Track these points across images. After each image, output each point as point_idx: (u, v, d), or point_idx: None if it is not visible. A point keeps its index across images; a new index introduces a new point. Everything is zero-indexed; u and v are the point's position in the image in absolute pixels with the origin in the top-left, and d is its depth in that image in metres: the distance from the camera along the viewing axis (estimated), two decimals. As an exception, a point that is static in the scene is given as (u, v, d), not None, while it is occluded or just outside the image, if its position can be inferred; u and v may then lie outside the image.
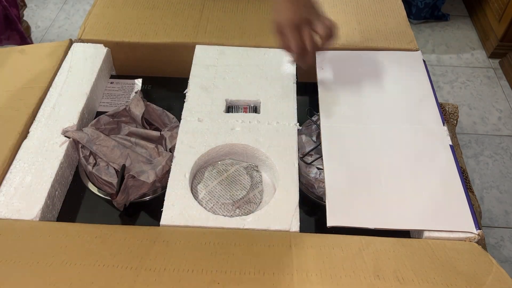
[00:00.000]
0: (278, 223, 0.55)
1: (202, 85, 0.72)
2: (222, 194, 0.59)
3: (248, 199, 0.60)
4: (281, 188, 0.59)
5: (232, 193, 0.60)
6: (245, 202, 0.59)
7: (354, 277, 0.48)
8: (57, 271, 0.47)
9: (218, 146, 0.63)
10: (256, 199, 0.60)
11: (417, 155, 0.62)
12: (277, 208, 0.57)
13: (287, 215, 0.56)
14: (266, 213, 0.56)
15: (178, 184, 0.59)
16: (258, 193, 0.61)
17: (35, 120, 0.66)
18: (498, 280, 0.49)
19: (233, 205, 0.59)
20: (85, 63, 0.76)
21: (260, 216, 0.56)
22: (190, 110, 0.68)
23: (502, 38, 1.72)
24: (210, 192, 0.60)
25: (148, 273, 0.47)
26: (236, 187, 0.60)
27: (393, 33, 0.83)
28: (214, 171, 0.62)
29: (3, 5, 1.25)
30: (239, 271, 0.48)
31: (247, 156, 0.65)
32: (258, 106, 0.70)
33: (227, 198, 0.59)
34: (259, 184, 0.62)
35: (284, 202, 0.57)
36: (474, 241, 0.55)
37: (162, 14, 0.85)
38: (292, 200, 0.57)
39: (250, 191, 0.60)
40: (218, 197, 0.59)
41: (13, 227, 0.54)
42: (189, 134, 0.65)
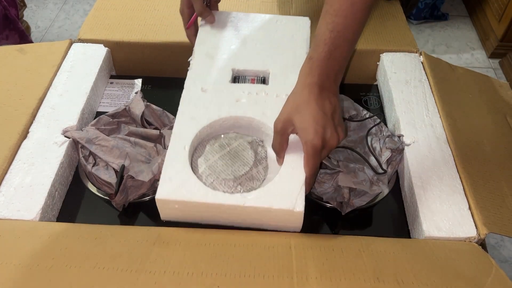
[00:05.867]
0: (281, 202, 0.51)
1: (207, 52, 0.67)
2: (223, 169, 0.55)
3: (251, 175, 0.56)
4: (287, 164, 0.54)
5: (234, 168, 0.55)
6: (248, 178, 0.55)
7: (354, 279, 0.48)
8: (57, 275, 0.47)
9: (221, 119, 0.59)
10: (259, 176, 0.56)
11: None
12: (282, 185, 0.52)
13: (291, 194, 0.51)
14: (269, 191, 0.52)
15: (177, 157, 0.55)
16: (262, 169, 0.57)
17: (35, 120, 0.66)
18: (498, 282, 0.49)
19: (234, 181, 0.55)
20: (85, 63, 0.76)
21: (263, 194, 0.51)
22: (193, 79, 0.63)
23: (502, 38, 1.72)
24: (211, 166, 0.55)
25: (148, 276, 0.47)
26: (239, 163, 0.56)
27: (393, 35, 0.83)
28: (216, 145, 0.58)
29: (3, 5, 1.25)
30: (239, 273, 0.48)
31: (253, 130, 0.60)
32: (267, 77, 0.65)
33: (228, 174, 0.55)
34: (263, 160, 0.58)
35: (289, 180, 0.52)
36: (474, 241, 0.55)
37: (162, 15, 0.85)
38: (297, 177, 0.52)
39: (253, 167, 0.56)
40: (219, 172, 0.55)
41: (13, 227, 0.54)
42: (191, 104, 0.60)
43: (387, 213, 0.63)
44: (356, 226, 0.61)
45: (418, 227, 0.57)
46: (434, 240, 0.55)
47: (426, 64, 0.77)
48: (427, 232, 0.55)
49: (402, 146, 0.65)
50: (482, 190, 0.59)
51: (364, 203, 0.61)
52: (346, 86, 0.81)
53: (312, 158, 0.51)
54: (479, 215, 0.56)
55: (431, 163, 0.62)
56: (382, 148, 0.65)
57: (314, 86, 0.51)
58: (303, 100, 0.51)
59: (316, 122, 0.49)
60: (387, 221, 0.62)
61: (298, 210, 0.50)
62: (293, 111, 0.51)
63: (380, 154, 0.64)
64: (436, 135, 0.66)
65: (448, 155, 0.63)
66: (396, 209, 0.63)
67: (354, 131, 0.68)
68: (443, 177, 0.61)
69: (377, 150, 0.65)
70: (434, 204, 0.58)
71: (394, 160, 0.64)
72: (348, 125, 0.68)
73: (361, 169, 0.62)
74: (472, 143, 0.65)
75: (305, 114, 0.50)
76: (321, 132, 0.49)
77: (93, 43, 0.80)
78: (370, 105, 0.78)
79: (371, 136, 0.67)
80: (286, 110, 0.52)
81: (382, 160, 0.63)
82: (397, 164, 0.65)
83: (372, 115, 0.69)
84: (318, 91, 0.51)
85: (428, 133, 0.66)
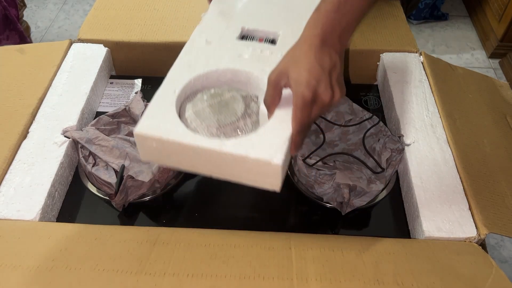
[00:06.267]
0: (259, 152, 0.47)
1: (222, 10, 0.66)
2: (209, 116, 0.53)
3: (237, 126, 0.53)
4: (275, 118, 0.50)
5: (221, 117, 0.53)
6: (233, 129, 0.53)
7: (354, 281, 0.48)
8: (57, 276, 0.47)
9: (219, 70, 0.57)
10: (246, 128, 0.53)
11: None
12: (265, 137, 0.49)
13: (272, 146, 0.48)
14: (250, 140, 0.49)
15: (164, 98, 0.53)
16: (250, 123, 0.54)
17: (35, 120, 0.66)
18: (498, 283, 0.49)
19: (218, 129, 0.52)
20: (85, 63, 0.76)
21: (242, 142, 0.48)
22: (200, 31, 0.62)
23: (502, 38, 1.72)
24: (197, 112, 0.53)
25: (148, 278, 0.47)
26: (227, 113, 0.53)
27: (393, 35, 0.83)
28: (208, 94, 0.56)
29: (3, 5, 1.25)
30: (239, 275, 0.48)
31: (251, 86, 0.58)
32: (277, 38, 0.62)
33: (213, 121, 0.52)
34: (253, 114, 0.55)
35: (274, 133, 0.49)
36: (474, 241, 0.55)
37: (162, 15, 0.85)
38: (283, 132, 0.49)
39: (240, 119, 0.53)
40: (204, 118, 0.52)
41: (13, 227, 0.54)
42: (192, 54, 0.59)
43: (387, 213, 0.63)
44: (356, 226, 0.61)
45: (418, 227, 0.57)
46: (434, 240, 0.55)
47: (426, 64, 0.77)
48: (427, 232, 0.55)
49: (402, 146, 0.65)
50: (482, 190, 0.58)
51: (364, 203, 0.61)
52: (346, 86, 0.81)
53: (300, 111, 0.47)
54: (479, 215, 0.56)
55: (431, 163, 0.62)
56: (382, 148, 0.65)
57: (315, 38, 0.48)
58: (301, 52, 0.48)
59: (310, 74, 0.47)
60: (387, 221, 0.62)
61: (276, 162, 0.47)
62: (289, 63, 0.49)
63: (379, 154, 0.64)
64: (436, 135, 0.66)
65: (448, 155, 0.63)
66: (396, 209, 0.63)
67: (353, 134, 0.69)
68: (443, 177, 0.61)
69: (376, 150, 0.65)
70: (434, 204, 0.58)
71: (394, 160, 0.64)
72: (347, 128, 0.68)
73: (359, 169, 0.62)
74: (472, 143, 0.65)
75: (300, 66, 0.47)
76: (313, 84, 0.46)
77: (93, 43, 0.80)
78: (370, 105, 0.78)
79: (371, 136, 0.67)
80: (283, 61, 0.50)
81: (382, 160, 0.63)
82: (397, 164, 0.65)
83: (371, 115, 0.69)
84: (319, 44, 0.48)
85: (428, 133, 0.66)
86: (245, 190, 0.65)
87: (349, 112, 0.69)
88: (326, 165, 0.63)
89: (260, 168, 0.49)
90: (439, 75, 0.75)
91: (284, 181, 0.65)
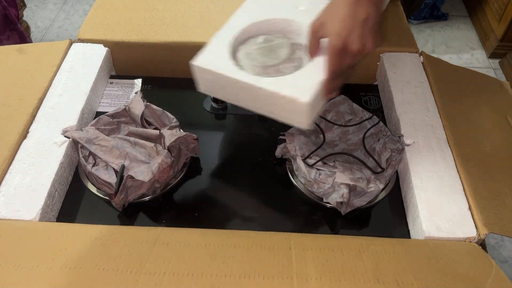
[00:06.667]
0: (290, 90, 0.52)
1: None
2: (256, 57, 0.59)
3: (279, 69, 0.58)
4: (312, 65, 0.55)
5: (266, 59, 0.59)
6: (275, 70, 0.58)
7: (354, 281, 0.48)
8: (56, 276, 0.47)
9: (274, 19, 0.63)
10: (286, 71, 0.58)
11: None
12: (299, 78, 0.54)
13: (302, 86, 0.53)
14: (284, 80, 0.54)
15: (222, 39, 0.60)
16: (291, 67, 0.58)
17: (35, 120, 0.66)
18: (498, 283, 0.49)
19: (262, 69, 0.58)
20: (85, 63, 0.76)
21: (277, 80, 0.54)
22: None
23: (502, 38, 1.72)
24: (247, 53, 0.60)
25: (147, 277, 0.47)
26: (272, 56, 0.60)
27: (393, 35, 0.83)
28: (260, 39, 0.62)
29: (3, 5, 1.25)
30: (239, 275, 0.48)
31: (300, 36, 0.62)
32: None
33: (259, 62, 0.59)
34: (297, 60, 0.60)
35: (308, 76, 0.54)
36: (474, 241, 0.55)
37: (162, 15, 0.85)
38: (315, 77, 0.54)
39: (283, 62, 0.59)
40: (252, 59, 0.59)
41: (13, 227, 0.54)
42: (253, 3, 0.65)
43: (387, 213, 0.63)
44: (356, 226, 0.61)
45: (418, 227, 0.57)
46: (434, 240, 0.55)
47: (426, 64, 0.77)
48: (427, 232, 0.55)
49: (402, 146, 0.65)
50: (482, 190, 0.58)
51: (364, 203, 0.61)
52: (346, 86, 0.81)
53: (331, 59, 0.52)
54: (479, 215, 0.56)
55: (431, 163, 0.62)
56: (382, 148, 0.65)
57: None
58: (338, 4, 0.52)
59: (342, 25, 0.50)
60: (387, 221, 0.62)
61: (303, 101, 0.52)
62: (326, 14, 0.53)
63: (379, 154, 0.64)
64: (436, 135, 0.66)
65: (448, 155, 0.63)
66: (396, 209, 0.63)
67: (353, 134, 0.69)
68: (443, 177, 0.61)
69: (376, 150, 0.65)
70: (434, 204, 0.58)
71: (394, 160, 0.64)
72: (347, 128, 0.68)
73: (359, 169, 0.62)
74: (472, 143, 0.65)
75: (335, 17, 0.51)
76: (344, 34, 0.50)
77: (93, 43, 0.80)
78: (370, 105, 0.78)
79: (371, 136, 0.67)
80: (322, 13, 0.54)
81: (382, 160, 0.63)
82: (397, 164, 0.65)
83: (372, 115, 0.69)
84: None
85: (428, 133, 0.66)
86: (245, 190, 0.65)
87: (349, 112, 0.69)
88: (326, 165, 0.63)
89: (290, 106, 0.54)
90: (439, 75, 0.75)
91: (284, 181, 0.66)
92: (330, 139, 0.68)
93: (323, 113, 0.70)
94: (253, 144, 0.71)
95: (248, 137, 0.73)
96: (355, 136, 0.68)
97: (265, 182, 0.66)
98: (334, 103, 0.70)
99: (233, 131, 0.74)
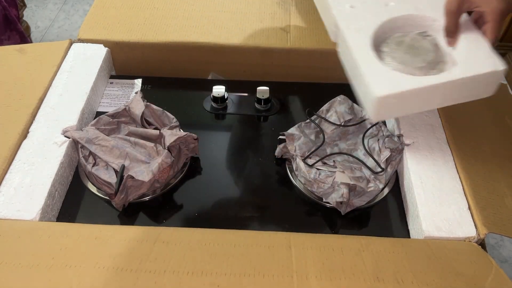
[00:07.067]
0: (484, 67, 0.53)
1: None
2: (413, 59, 0.58)
3: (435, 61, 0.58)
4: (467, 39, 0.57)
5: (422, 57, 0.58)
6: (436, 62, 0.58)
7: (354, 279, 0.48)
8: (57, 274, 0.47)
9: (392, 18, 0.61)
10: (443, 59, 0.58)
11: None
12: (476, 55, 0.55)
13: (488, 57, 0.54)
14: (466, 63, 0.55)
15: (367, 59, 0.56)
16: (442, 54, 0.59)
17: (35, 120, 0.66)
18: (498, 282, 0.49)
19: (429, 67, 0.57)
20: (85, 63, 0.76)
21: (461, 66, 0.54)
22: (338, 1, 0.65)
23: (502, 38, 1.72)
24: (402, 61, 0.58)
25: (148, 276, 0.47)
26: (422, 51, 0.59)
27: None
28: (391, 44, 0.61)
29: (3, 5, 1.25)
30: (239, 273, 0.48)
31: (409, 27, 0.62)
32: None
33: (420, 62, 0.57)
34: (436, 46, 0.60)
35: (480, 50, 0.55)
36: (473, 241, 0.55)
37: (162, 13, 0.85)
38: (485, 46, 0.55)
39: (435, 52, 0.59)
40: (411, 62, 0.57)
41: (13, 227, 0.54)
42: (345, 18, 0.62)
43: (387, 213, 0.63)
44: (356, 226, 0.61)
45: (417, 227, 0.57)
46: (434, 240, 0.55)
47: (426, 64, 0.77)
48: (427, 232, 0.55)
49: (402, 146, 0.65)
50: (481, 190, 0.59)
51: (364, 203, 0.61)
52: (346, 86, 0.81)
53: (498, 24, 0.54)
54: (478, 215, 0.56)
55: (431, 163, 0.62)
56: (381, 148, 0.65)
57: None
58: None
59: None
60: (387, 221, 0.62)
61: (501, 68, 0.53)
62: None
63: (379, 154, 0.64)
64: (436, 135, 0.66)
65: (448, 155, 0.63)
66: (396, 209, 0.63)
67: (353, 133, 0.69)
68: (443, 177, 0.61)
69: (376, 150, 0.65)
70: (433, 204, 0.58)
71: (393, 160, 0.64)
72: (347, 128, 0.68)
73: (359, 169, 0.62)
74: (472, 143, 0.65)
75: None
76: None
77: (93, 43, 0.80)
78: (370, 105, 0.78)
79: (371, 136, 0.67)
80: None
81: (381, 160, 0.63)
82: (397, 164, 0.65)
83: None
84: None
85: (428, 133, 0.66)
86: (245, 190, 0.65)
87: (349, 112, 0.69)
88: (326, 165, 0.63)
89: (489, 79, 0.55)
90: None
91: (284, 181, 0.66)
92: (330, 139, 0.68)
93: (323, 113, 0.70)
94: (253, 144, 0.71)
95: (248, 137, 0.73)
96: (355, 136, 0.69)
97: (265, 182, 0.66)
98: (334, 103, 0.70)
99: (233, 131, 0.74)
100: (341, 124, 0.68)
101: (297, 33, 0.82)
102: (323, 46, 0.80)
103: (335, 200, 0.60)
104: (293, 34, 0.82)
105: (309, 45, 0.80)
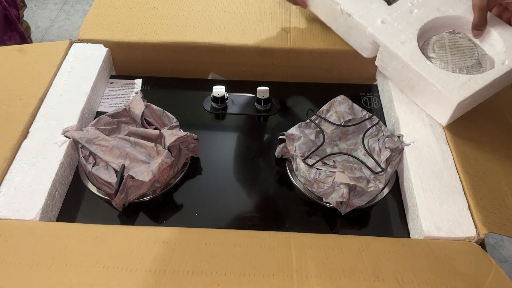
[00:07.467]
0: None
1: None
2: (463, 59, 0.63)
3: (478, 57, 0.62)
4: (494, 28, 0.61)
5: (469, 55, 0.63)
6: (482, 56, 0.62)
7: (354, 278, 0.48)
8: (57, 273, 0.47)
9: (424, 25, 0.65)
10: (484, 51, 0.63)
11: None
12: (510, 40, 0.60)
13: None
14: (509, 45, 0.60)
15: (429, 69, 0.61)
16: (480, 48, 0.63)
17: (35, 120, 0.66)
18: (498, 282, 0.49)
19: (478, 62, 0.62)
20: (85, 63, 0.76)
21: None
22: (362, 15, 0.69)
23: None
24: (455, 64, 0.62)
25: (148, 275, 0.47)
26: (465, 49, 0.63)
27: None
28: (436, 49, 0.64)
29: (3, 5, 1.25)
30: (239, 272, 0.48)
31: (437, 29, 0.67)
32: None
33: (470, 60, 0.62)
34: (471, 40, 0.64)
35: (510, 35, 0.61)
36: (473, 241, 0.55)
37: (162, 13, 0.85)
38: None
39: (476, 46, 0.63)
40: (464, 62, 0.62)
41: (13, 227, 0.54)
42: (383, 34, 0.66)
43: (387, 213, 0.63)
44: (355, 226, 0.61)
45: (417, 227, 0.57)
46: (434, 240, 0.55)
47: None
48: (427, 232, 0.55)
49: (402, 146, 0.65)
50: (481, 190, 0.59)
51: (364, 203, 0.61)
52: (346, 86, 0.81)
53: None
54: (478, 215, 0.56)
55: (431, 163, 0.62)
56: (381, 148, 0.65)
57: None
58: None
59: None
60: (387, 221, 0.62)
61: None
62: None
63: (379, 154, 0.64)
64: (436, 135, 0.66)
65: (448, 155, 0.63)
66: (396, 209, 0.63)
67: (353, 134, 0.69)
68: (443, 177, 0.61)
69: (376, 150, 0.65)
70: (433, 204, 0.58)
71: (393, 160, 0.64)
72: (347, 128, 0.68)
73: (359, 169, 0.62)
74: (472, 143, 0.65)
75: None
76: None
77: (93, 43, 0.80)
78: (370, 105, 0.78)
79: (371, 136, 0.67)
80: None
81: (381, 160, 0.63)
82: (397, 164, 0.65)
83: (371, 115, 0.69)
84: None
85: (428, 133, 0.66)
86: (245, 190, 0.65)
87: (349, 112, 0.69)
88: (326, 165, 0.63)
89: None
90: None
91: (284, 181, 0.66)
92: (330, 139, 0.68)
93: (323, 113, 0.70)
94: (253, 144, 0.71)
95: (248, 137, 0.73)
96: (355, 136, 0.69)
97: (265, 182, 0.66)
98: (334, 103, 0.70)
99: (233, 131, 0.74)
100: (341, 124, 0.68)
101: (297, 33, 0.82)
102: (323, 46, 0.80)
103: (335, 200, 0.60)
104: (293, 34, 0.82)
105: (309, 45, 0.80)
